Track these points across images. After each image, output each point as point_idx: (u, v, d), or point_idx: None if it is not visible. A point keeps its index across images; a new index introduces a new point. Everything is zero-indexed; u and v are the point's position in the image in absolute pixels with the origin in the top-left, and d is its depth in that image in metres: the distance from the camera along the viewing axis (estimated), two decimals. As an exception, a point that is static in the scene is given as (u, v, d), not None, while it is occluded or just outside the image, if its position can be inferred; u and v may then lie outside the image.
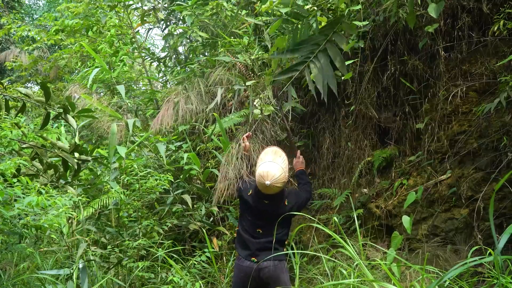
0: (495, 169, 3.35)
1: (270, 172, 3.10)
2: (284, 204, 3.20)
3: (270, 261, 3.08)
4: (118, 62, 6.86)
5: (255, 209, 3.24)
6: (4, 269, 4.31)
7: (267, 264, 3.10)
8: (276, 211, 3.17)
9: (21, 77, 10.62)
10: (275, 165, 3.14)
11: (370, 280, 2.21)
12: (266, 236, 3.15)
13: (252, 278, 3.10)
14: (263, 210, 3.21)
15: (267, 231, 3.15)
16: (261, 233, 3.18)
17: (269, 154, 3.28)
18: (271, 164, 3.14)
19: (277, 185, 3.12)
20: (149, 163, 5.01)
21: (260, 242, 3.17)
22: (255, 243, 3.18)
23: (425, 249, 3.59)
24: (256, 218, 3.23)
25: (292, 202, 3.25)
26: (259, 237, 3.19)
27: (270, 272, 3.10)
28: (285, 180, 3.17)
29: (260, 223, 3.21)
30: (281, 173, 3.12)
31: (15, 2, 13.35)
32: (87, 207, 4.74)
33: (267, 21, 5.82)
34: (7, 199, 3.22)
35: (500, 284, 1.98)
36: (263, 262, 3.07)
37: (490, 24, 3.56)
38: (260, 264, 3.08)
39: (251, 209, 3.27)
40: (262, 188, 3.16)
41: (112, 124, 4.25)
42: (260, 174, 3.13)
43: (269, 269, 3.10)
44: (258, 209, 3.23)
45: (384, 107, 4.45)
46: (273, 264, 3.11)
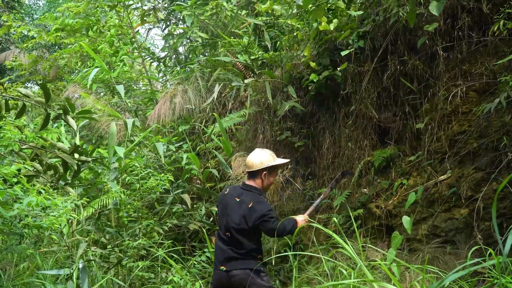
0: (495, 169, 3.34)
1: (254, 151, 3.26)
2: (248, 207, 3.05)
3: (240, 270, 3.00)
4: (118, 62, 6.86)
5: (226, 210, 3.16)
6: (4, 269, 4.31)
7: (236, 273, 3.01)
8: (243, 214, 3.06)
9: (20, 76, 10.62)
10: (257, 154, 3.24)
11: (370, 280, 2.21)
12: (234, 242, 3.07)
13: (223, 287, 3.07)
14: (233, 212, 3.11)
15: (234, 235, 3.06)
16: (229, 237, 3.08)
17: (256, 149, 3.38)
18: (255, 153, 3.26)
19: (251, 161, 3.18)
20: (149, 163, 5.01)
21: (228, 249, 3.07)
22: (224, 249, 3.08)
23: (425, 249, 3.59)
24: (225, 218, 3.15)
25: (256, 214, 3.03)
26: (229, 242, 3.08)
27: (241, 280, 3.00)
28: (262, 160, 3.18)
29: (228, 225, 3.10)
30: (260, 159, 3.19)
31: (15, 2, 13.35)
32: (87, 207, 4.74)
33: (267, 21, 5.82)
34: (7, 199, 3.22)
35: (500, 284, 1.98)
36: (233, 270, 3.01)
37: (490, 24, 3.55)
38: (230, 273, 3.02)
39: (222, 211, 3.21)
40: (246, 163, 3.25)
41: (112, 124, 4.25)
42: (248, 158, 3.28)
43: (239, 277, 3.00)
44: (229, 210, 3.13)
45: (384, 107, 4.45)
46: (242, 273, 3.00)
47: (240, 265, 3.01)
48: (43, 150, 2.69)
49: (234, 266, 3.02)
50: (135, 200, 4.41)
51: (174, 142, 5.27)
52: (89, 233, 4.56)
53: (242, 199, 3.12)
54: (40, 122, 5.34)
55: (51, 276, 4.09)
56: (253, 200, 3.08)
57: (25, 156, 2.92)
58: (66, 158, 2.64)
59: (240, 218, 3.06)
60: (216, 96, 5.09)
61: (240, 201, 3.12)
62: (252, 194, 3.13)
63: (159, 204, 4.90)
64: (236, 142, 5.70)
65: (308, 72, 4.82)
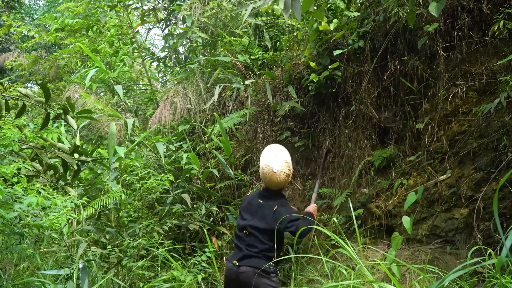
0: (495, 169, 3.34)
1: (275, 161, 3.11)
2: (272, 209, 3.10)
3: (250, 267, 3.02)
4: (118, 62, 6.86)
5: (248, 207, 3.20)
6: (4, 269, 4.31)
7: (245, 270, 3.02)
8: (265, 215, 3.10)
9: (20, 76, 10.63)
10: (278, 156, 3.16)
11: (369, 281, 2.21)
12: (251, 240, 3.08)
13: (231, 281, 3.08)
14: (255, 209, 3.16)
15: (253, 234, 3.09)
16: (247, 235, 3.10)
17: (272, 149, 3.29)
18: (275, 156, 3.16)
19: (283, 171, 3.11)
20: (150, 163, 5.01)
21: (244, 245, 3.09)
22: (240, 247, 3.11)
23: (425, 249, 3.59)
24: (247, 215, 3.17)
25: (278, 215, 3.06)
26: (244, 239, 3.11)
27: (249, 277, 3.00)
28: (289, 169, 3.16)
29: (248, 223, 3.12)
30: (285, 162, 3.14)
31: (15, 2, 13.35)
32: (87, 207, 4.74)
33: (267, 21, 5.83)
34: (8, 199, 3.21)
35: (500, 284, 1.98)
36: (243, 266, 3.02)
37: (490, 24, 3.55)
38: (239, 269, 3.03)
39: (245, 207, 3.23)
40: (269, 179, 3.13)
41: (112, 124, 4.25)
42: (266, 163, 3.13)
43: (247, 274, 3.01)
44: (251, 207, 3.18)
45: (384, 107, 4.45)
46: (252, 271, 3.00)
47: (250, 262, 3.03)
48: (43, 150, 2.69)
49: (245, 263, 3.04)
50: (135, 200, 4.41)
51: (174, 142, 5.27)
52: (89, 233, 4.55)
53: (266, 202, 3.16)
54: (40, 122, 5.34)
55: (51, 276, 4.09)
56: (277, 204, 3.12)
57: (25, 156, 2.92)
58: (66, 158, 2.64)
59: (261, 218, 3.10)
60: (216, 98, 5.08)
61: (263, 203, 3.16)
62: (276, 198, 3.17)
63: (159, 204, 4.90)
64: (236, 142, 5.70)
65: (308, 72, 4.83)
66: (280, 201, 3.16)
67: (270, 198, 3.18)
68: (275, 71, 5.40)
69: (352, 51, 4.44)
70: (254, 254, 3.05)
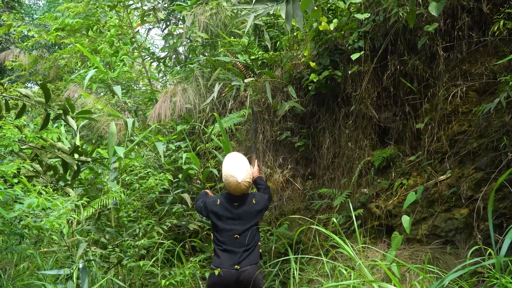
0: (495, 169, 3.34)
1: (239, 171, 3.37)
2: (253, 203, 3.42)
3: (250, 266, 3.26)
4: (118, 62, 6.86)
5: (227, 216, 3.40)
6: (4, 269, 4.31)
7: (246, 268, 3.25)
8: (249, 210, 3.39)
9: (20, 76, 10.62)
10: (240, 166, 3.42)
11: (369, 281, 2.21)
12: (244, 240, 3.32)
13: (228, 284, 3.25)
14: (234, 214, 3.39)
15: (243, 234, 3.33)
16: (239, 238, 3.32)
17: (233, 158, 3.53)
18: (237, 165, 3.41)
19: (246, 181, 3.38)
20: (149, 163, 5.01)
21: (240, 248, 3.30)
22: (236, 251, 3.29)
23: (425, 249, 3.59)
24: (231, 224, 3.37)
25: (260, 202, 3.45)
26: (238, 243, 3.32)
27: (250, 274, 3.25)
28: (251, 177, 3.48)
29: (235, 228, 3.35)
30: (247, 171, 3.42)
31: (15, 2, 13.34)
32: (87, 207, 4.73)
33: (267, 21, 5.82)
34: (8, 199, 3.21)
35: (500, 284, 1.98)
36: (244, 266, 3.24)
37: (490, 24, 3.55)
38: (240, 269, 3.24)
39: (222, 218, 3.40)
40: (234, 188, 3.38)
41: (111, 124, 4.24)
42: (231, 174, 3.37)
43: (249, 271, 3.25)
44: (231, 214, 3.39)
45: (384, 107, 4.45)
46: (251, 268, 3.27)
47: (249, 261, 3.28)
48: (43, 150, 2.69)
49: (246, 263, 3.27)
50: (135, 200, 4.41)
51: (174, 141, 5.27)
52: (89, 233, 4.55)
53: (240, 202, 3.42)
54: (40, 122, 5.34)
55: (51, 276, 4.09)
56: (252, 197, 3.45)
57: (25, 156, 2.92)
58: (66, 158, 2.64)
59: (246, 217, 3.37)
60: (216, 96, 5.08)
61: (238, 205, 3.41)
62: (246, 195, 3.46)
63: (159, 204, 4.90)
64: (236, 142, 5.69)
65: (308, 72, 4.83)
66: (251, 194, 3.49)
67: (243, 197, 3.44)
68: (275, 71, 5.40)
69: (352, 51, 4.44)
70: (250, 250, 3.30)
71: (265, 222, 5.05)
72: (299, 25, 2.55)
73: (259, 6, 2.60)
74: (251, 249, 3.31)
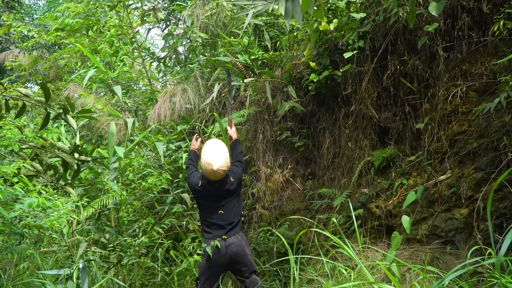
0: (495, 169, 3.34)
1: (216, 159, 3.50)
2: (230, 181, 3.60)
3: (235, 237, 3.51)
4: (118, 62, 6.85)
5: (210, 195, 3.59)
6: (4, 269, 4.30)
7: (232, 240, 3.49)
8: (228, 188, 3.58)
9: (20, 77, 10.62)
10: (218, 153, 3.54)
11: (370, 282, 2.21)
12: (228, 214, 3.56)
13: (221, 256, 3.45)
14: (216, 193, 3.58)
15: (227, 209, 3.57)
16: (223, 213, 3.55)
17: (211, 145, 3.66)
18: (215, 152, 3.55)
19: (222, 169, 3.50)
20: (150, 163, 5.01)
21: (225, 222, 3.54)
22: (222, 225, 3.53)
23: (425, 249, 3.59)
24: (213, 202, 3.58)
25: (235, 177, 3.64)
26: (222, 218, 3.54)
27: (237, 247, 3.48)
28: (228, 164, 3.59)
29: (218, 204, 3.57)
30: (224, 158, 3.53)
31: (15, 2, 13.34)
32: (87, 207, 4.73)
33: (267, 21, 5.82)
34: (8, 199, 3.21)
35: (500, 284, 1.98)
36: (229, 238, 3.49)
37: (490, 24, 3.55)
38: (227, 241, 3.47)
39: (206, 196, 3.61)
40: (210, 175, 3.53)
41: (111, 124, 4.24)
42: (207, 162, 3.50)
43: (236, 244, 3.49)
44: (213, 194, 3.58)
45: (384, 107, 4.45)
46: (237, 240, 3.51)
47: (234, 232, 3.53)
48: (43, 150, 2.68)
49: (231, 234, 3.52)
50: (134, 200, 4.40)
51: (174, 141, 5.27)
52: (89, 233, 4.55)
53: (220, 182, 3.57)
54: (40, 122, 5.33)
55: (51, 276, 4.08)
56: (230, 175, 3.62)
57: (25, 156, 2.92)
58: (66, 157, 2.64)
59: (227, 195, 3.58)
60: (215, 96, 5.08)
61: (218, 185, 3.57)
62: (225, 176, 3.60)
63: (159, 204, 4.90)
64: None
65: (308, 72, 4.82)
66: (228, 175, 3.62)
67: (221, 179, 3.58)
68: (275, 71, 5.39)
69: (352, 52, 4.44)
70: (234, 224, 3.55)
71: (265, 222, 5.05)
72: (298, 22, 2.56)
73: (258, 2, 2.60)
74: (235, 222, 3.55)
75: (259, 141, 5.26)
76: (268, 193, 5.13)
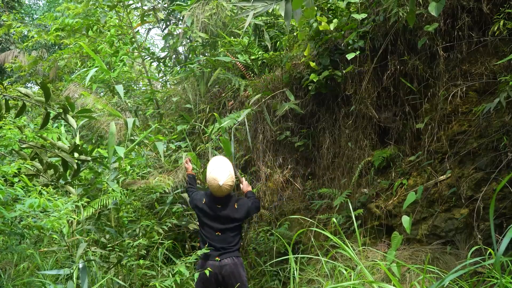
0: (495, 169, 3.34)
1: (221, 174, 3.62)
2: (234, 208, 3.69)
3: (230, 258, 3.59)
4: (118, 62, 6.85)
5: (211, 215, 3.69)
6: (4, 269, 4.30)
7: (227, 262, 3.58)
8: (229, 214, 3.67)
9: (21, 77, 10.62)
10: (223, 169, 3.67)
11: (369, 281, 2.21)
12: (226, 237, 3.64)
13: (214, 276, 3.54)
14: (218, 214, 3.68)
15: (226, 233, 3.65)
16: (220, 235, 3.65)
17: (217, 162, 3.79)
18: (220, 168, 3.67)
19: (228, 184, 3.62)
20: (150, 163, 5.01)
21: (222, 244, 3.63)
22: (218, 247, 3.62)
23: (425, 249, 3.59)
24: (213, 222, 3.68)
25: (241, 208, 3.72)
26: (220, 240, 3.64)
27: (232, 268, 3.57)
28: (233, 180, 3.69)
29: (217, 226, 3.66)
30: (229, 174, 3.65)
31: (15, 2, 13.34)
32: (87, 207, 4.73)
33: (267, 21, 5.83)
34: (8, 199, 3.21)
35: (500, 284, 1.98)
36: (225, 259, 3.57)
37: (490, 24, 3.55)
38: (221, 262, 3.57)
39: (208, 215, 3.71)
40: (216, 191, 3.65)
41: (111, 123, 4.24)
42: (213, 177, 3.63)
43: (230, 265, 3.57)
44: (214, 214, 3.68)
45: (384, 107, 4.45)
46: (233, 261, 3.59)
47: (229, 255, 3.61)
48: (43, 149, 2.69)
49: (225, 256, 3.60)
50: (134, 200, 4.40)
51: (174, 141, 5.27)
52: (89, 233, 4.55)
53: (224, 205, 3.68)
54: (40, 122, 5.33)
55: (51, 276, 4.08)
56: (235, 202, 3.72)
57: (25, 156, 2.92)
58: (66, 157, 2.64)
59: (227, 219, 3.66)
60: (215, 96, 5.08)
61: (222, 207, 3.68)
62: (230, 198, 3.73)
63: (159, 204, 4.90)
64: (236, 142, 5.69)
65: (308, 72, 4.82)
66: (234, 198, 3.76)
67: (226, 200, 3.70)
68: (275, 71, 5.39)
69: (352, 52, 4.44)
70: (229, 248, 3.62)
71: (265, 222, 5.05)
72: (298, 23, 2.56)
73: (258, 4, 2.61)
74: (232, 244, 3.63)
75: (259, 141, 5.26)
76: (268, 193, 5.13)
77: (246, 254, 4.83)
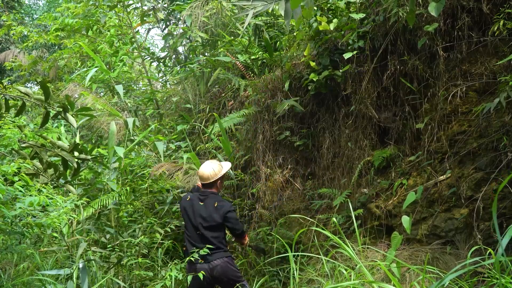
0: (495, 169, 3.34)
1: (203, 166, 3.79)
2: (214, 206, 3.66)
3: (220, 259, 3.58)
4: (118, 62, 6.85)
5: (193, 213, 3.68)
6: (4, 269, 4.30)
7: (217, 263, 3.57)
8: (210, 213, 3.65)
9: (20, 77, 10.61)
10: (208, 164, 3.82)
11: (369, 281, 2.21)
12: (206, 237, 3.60)
13: (206, 279, 3.51)
14: (197, 211, 3.67)
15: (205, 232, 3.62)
16: (200, 234, 3.62)
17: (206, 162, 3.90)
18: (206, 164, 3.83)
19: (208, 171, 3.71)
20: (150, 163, 5.01)
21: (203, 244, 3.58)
22: (200, 247, 3.57)
23: (425, 249, 3.59)
24: (195, 219, 3.66)
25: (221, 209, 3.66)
26: (200, 239, 3.61)
27: (223, 268, 3.57)
28: (215, 173, 3.75)
29: (198, 225, 3.64)
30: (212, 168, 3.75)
31: (15, 2, 13.34)
32: (87, 207, 4.73)
33: (267, 21, 5.83)
34: (8, 198, 3.20)
35: (500, 284, 1.98)
36: (214, 261, 3.56)
37: (490, 24, 3.55)
38: (211, 264, 3.56)
39: (189, 213, 3.71)
40: (200, 175, 3.77)
41: (111, 123, 4.24)
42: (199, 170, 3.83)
43: (220, 266, 3.57)
44: (196, 212, 3.67)
45: (384, 107, 4.45)
46: (222, 261, 3.58)
47: (217, 256, 3.58)
48: (43, 148, 2.69)
49: (213, 258, 3.57)
50: (134, 200, 4.40)
51: (173, 141, 5.27)
52: (89, 233, 4.55)
53: (206, 202, 3.69)
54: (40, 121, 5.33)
55: (51, 276, 4.08)
56: (216, 201, 3.70)
57: (25, 155, 2.92)
58: (66, 156, 2.64)
59: (208, 217, 3.63)
60: (215, 96, 5.09)
61: (204, 204, 3.68)
62: (213, 197, 3.72)
63: (159, 204, 4.90)
64: (236, 142, 5.69)
65: (308, 72, 4.82)
66: (217, 198, 3.74)
67: (209, 198, 3.71)
68: (275, 71, 5.40)
69: (352, 52, 4.44)
70: (216, 249, 3.58)
71: (265, 222, 5.05)
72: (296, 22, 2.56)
73: (258, 3, 2.61)
74: (215, 247, 3.57)
75: (259, 141, 5.26)
76: (268, 193, 5.12)
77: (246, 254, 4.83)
